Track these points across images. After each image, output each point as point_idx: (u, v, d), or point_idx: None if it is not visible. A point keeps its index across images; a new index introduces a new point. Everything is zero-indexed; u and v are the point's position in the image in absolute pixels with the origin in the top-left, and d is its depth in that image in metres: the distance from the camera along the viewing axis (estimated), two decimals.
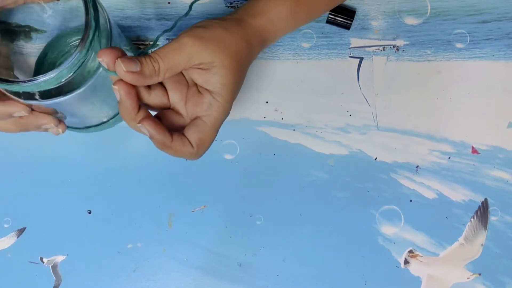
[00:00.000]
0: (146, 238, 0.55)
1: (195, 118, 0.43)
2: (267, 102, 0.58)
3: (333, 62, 0.58)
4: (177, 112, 0.44)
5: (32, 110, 0.46)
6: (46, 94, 0.43)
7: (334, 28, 0.59)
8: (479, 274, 0.54)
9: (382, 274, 0.55)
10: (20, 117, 0.45)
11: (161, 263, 0.55)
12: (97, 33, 0.41)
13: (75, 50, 0.41)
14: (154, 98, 0.43)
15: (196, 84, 0.44)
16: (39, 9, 0.50)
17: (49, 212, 0.56)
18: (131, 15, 0.59)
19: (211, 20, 0.44)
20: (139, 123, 0.41)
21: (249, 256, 0.55)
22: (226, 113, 0.44)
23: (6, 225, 0.56)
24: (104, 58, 0.40)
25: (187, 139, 0.43)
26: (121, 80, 0.40)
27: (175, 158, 0.56)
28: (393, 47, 0.58)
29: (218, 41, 0.42)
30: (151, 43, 0.58)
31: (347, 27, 0.58)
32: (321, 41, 0.59)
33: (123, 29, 0.58)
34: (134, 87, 0.41)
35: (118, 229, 0.55)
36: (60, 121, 0.48)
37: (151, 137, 0.42)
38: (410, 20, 0.59)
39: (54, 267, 0.55)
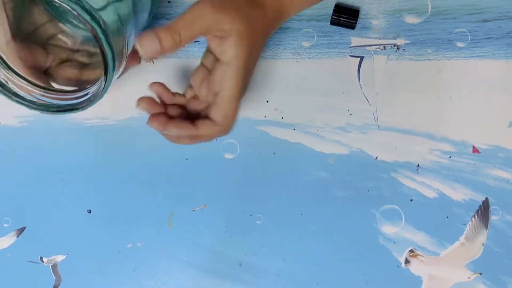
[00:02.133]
0: (146, 237, 0.55)
1: (214, 96, 0.45)
2: (267, 101, 0.58)
3: (334, 61, 0.58)
4: (196, 98, 0.47)
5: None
6: None
7: (335, 27, 0.58)
8: (480, 274, 0.54)
9: (383, 273, 0.54)
10: None
11: (161, 263, 0.55)
12: None
13: None
14: (178, 98, 0.47)
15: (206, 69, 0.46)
16: None
17: (49, 211, 0.56)
18: None
19: None
20: (165, 129, 0.44)
21: (249, 255, 0.55)
22: (242, 80, 0.44)
23: (6, 225, 0.55)
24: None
25: (211, 119, 0.44)
26: (151, 119, 0.43)
27: (175, 157, 0.56)
28: (394, 46, 0.58)
29: (237, 9, 0.43)
30: None
31: (352, 27, 0.58)
32: (321, 40, 0.58)
33: None
34: (162, 117, 0.44)
35: (118, 229, 0.55)
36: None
37: (178, 136, 0.45)
38: (411, 19, 0.59)
39: (54, 266, 0.55)
